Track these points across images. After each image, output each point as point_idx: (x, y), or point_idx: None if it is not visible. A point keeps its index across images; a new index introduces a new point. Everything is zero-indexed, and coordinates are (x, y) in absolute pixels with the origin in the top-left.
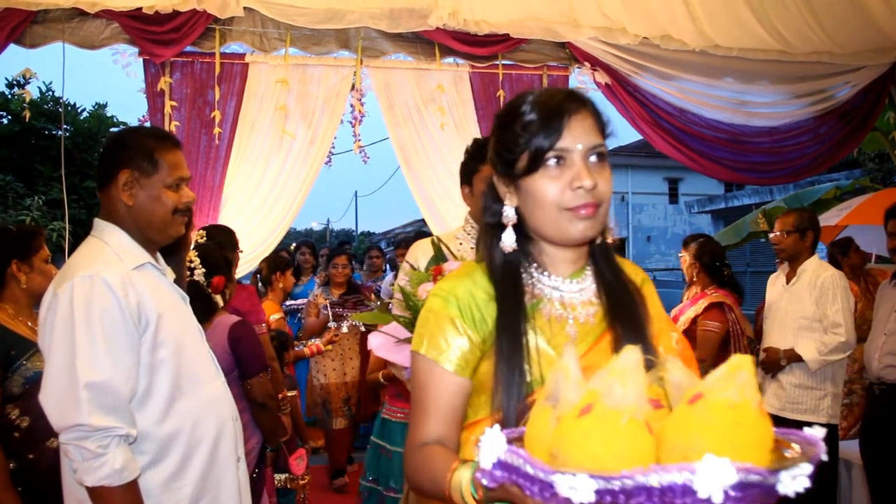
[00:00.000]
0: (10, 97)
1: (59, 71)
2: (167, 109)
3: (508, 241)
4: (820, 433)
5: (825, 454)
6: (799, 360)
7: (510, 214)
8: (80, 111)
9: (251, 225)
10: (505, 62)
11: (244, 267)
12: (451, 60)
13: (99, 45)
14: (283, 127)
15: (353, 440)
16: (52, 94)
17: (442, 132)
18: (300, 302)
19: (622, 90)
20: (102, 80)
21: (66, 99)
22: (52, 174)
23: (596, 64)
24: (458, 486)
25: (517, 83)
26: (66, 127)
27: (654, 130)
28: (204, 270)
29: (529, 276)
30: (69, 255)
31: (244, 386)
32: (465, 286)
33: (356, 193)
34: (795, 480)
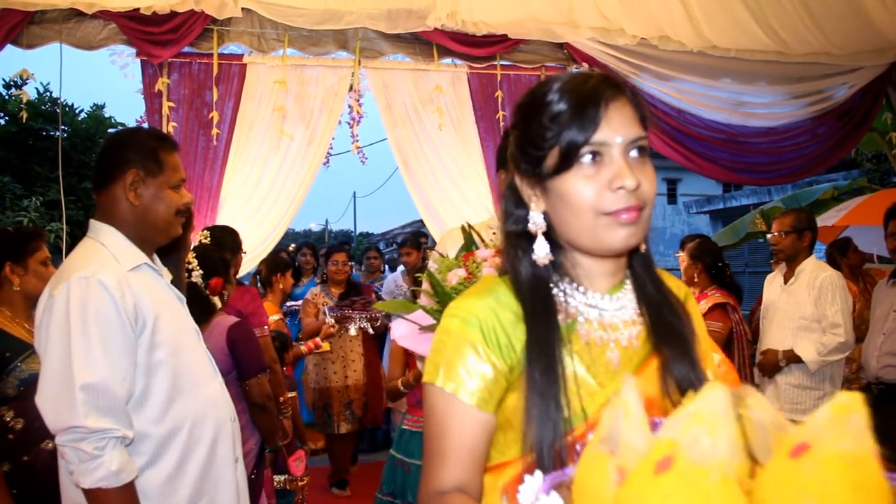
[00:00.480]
0: (7, 98)
1: (56, 72)
2: (165, 110)
3: (542, 252)
4: None
5: None
6: (798, 361)
7: (539, 221)
8: (77, 112)
9: (249, 226)
10: (503, 63)
11: (243, 267)
12: (449, 61)
13: (96, 45)
14: (281, 128)
15: (356, 445)
16: (49, 94)
17: (440, 133)
18: (300, 303)
19: None
20: (100, 80)
21: (63, 100)
22: (49, 175)
23: (594, 64)
24: None
25: (515, 84)
26: (63, 128)
27: (652, 131)
28: (202, 272)
29: (562, 292)
30: (66, 256)
31: (243, 387)
32: (487, 305)
33: (355, 194)
34: None
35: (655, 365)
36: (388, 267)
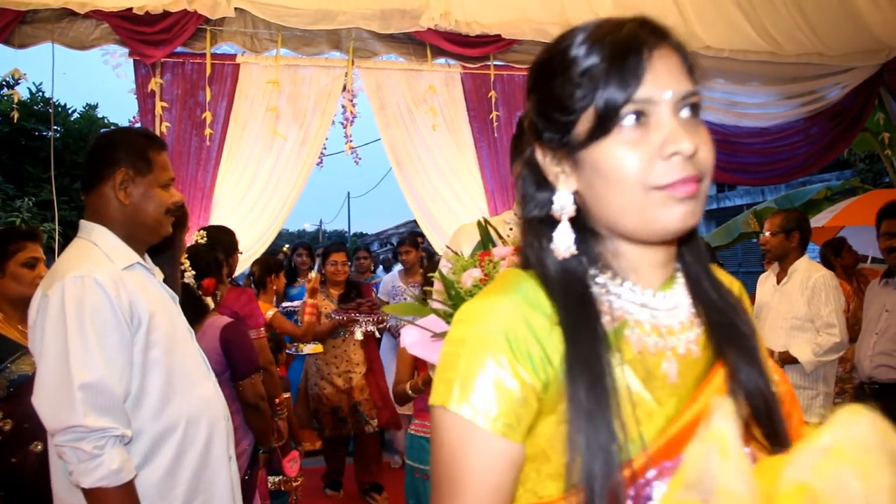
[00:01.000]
0: None
1: (48, 71)
2: (158, 110)
3: (563, 242)
4: None
5: None
6: (794, 361)
7: (566, 203)
8: (70, 112)
9: (243, 226)
10: (496, 63)
11: (238, 267)
12: (442, 61)
13: (89, 45)
14: (274, 128)
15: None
16: (41, 94)
17: (433, 133)
18: (297, 304)
19: None
20: (93, 80)
21: (56, 100)
22: (42, 175)
23: None
24: None
25: (509, 84)
26: (56, 128)
27: None
28: (194, 273)
29: (603, 289)
30: (58, 256)
31: (236, 387)
32: (513, 305)
33: (349, 194)
34: None
35: (722, 376)
36: (382, 267)
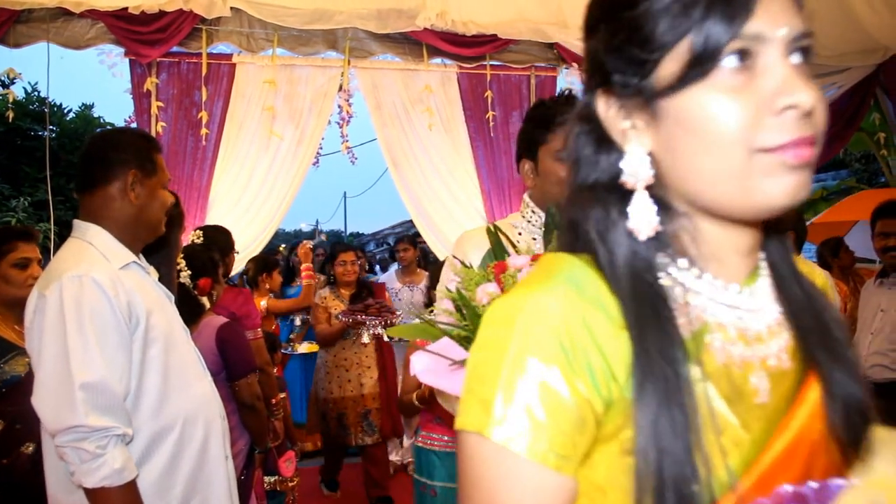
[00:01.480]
0: None
1: (44, 71)
2: (154, 110)
3: (643, 218)
4: None
5: None
6: None
7: (640, 166)
8: (66, 112)
9: (239, 226)
10: (493, 63)
11: (234, 267)
12: (438, 61)
13: (84, 45)
14: (270, 128)
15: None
16: (37, 94)
17: (430, 133)
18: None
19: None
20: (88, 80)
21: (51, 99)
22: (37, 175)
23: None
24: None
25: (505, 84)
26: (51, 128)
27: None
28: (190, 272)
29: (675, 282)
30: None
31: (232, 387)
32: (566, 301)
33: (345, 194)
34: None
35: (817, 392)
36: (379, 267)
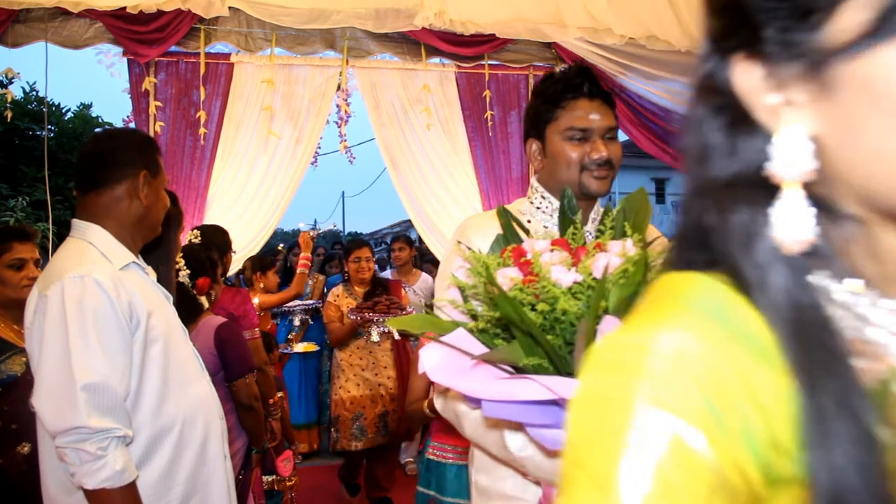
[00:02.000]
0: None
1: (42, 71)
2: (152, 109)
3: (798, 226)
4: None
5: None
6: None
7: (800, 154)
8: (64, 111)
9: (237, 225)
10: (491, 62)
11: (231, 266)
12: (437, 61)
13: (83, 44)
14: (268, 127)
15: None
16: (35, 94)
17: (428, 132)
18: (296, 304)
19: None
20: (86, 80)
21: (50, 99)
22: (36, 175)
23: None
24: None
25: (503, 83)
26: (50, 127)
27: (639, 131)
28: (189, 272)
29: (848, 311)
30: (52, 256)
31: (230, 388)
32: (710, 338)
33: (343, 194)
34: None
35: None
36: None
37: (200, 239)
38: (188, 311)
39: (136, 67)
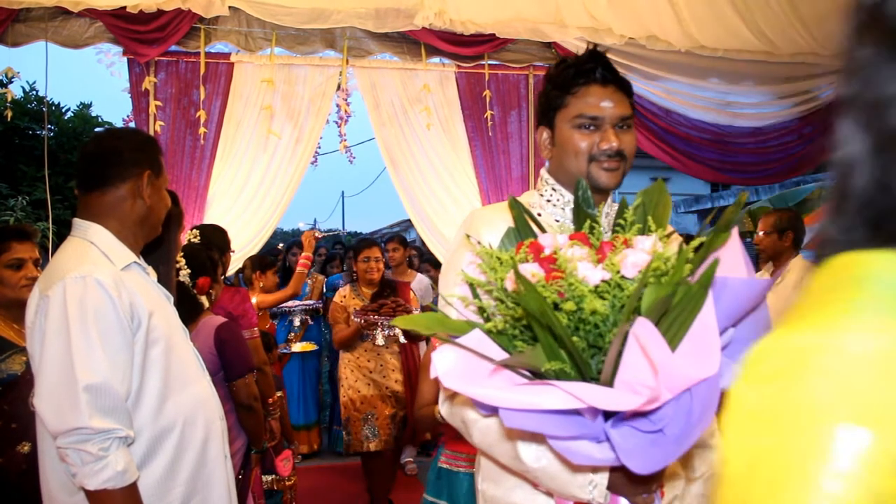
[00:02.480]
0: None
1: (42, 70)
2: (152, 109)
3: None
4: None
5: None
6: None
7: None
8: (64, 111)
9: (237, 225)
10: (491, 62)
11: (230, 266)
12: (437, 60)
13: (83, 44)
14: (268, 127)
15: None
16: (35, 93)
17: (428, 132)
18: (295, 304)
19: None
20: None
21: (49, 98)
22: (36, 174)
23: None
24: None
25: (503, 83)
26: (50, 127)
27: (639, 131)
28: (189, 271)
29: None
30: (52, 255)
31: (230, 387)
32: None
33: (343, 193)
34: None
35: None
36: None
37: (199, 238)
38: (188, 310)
39: (136, 67)
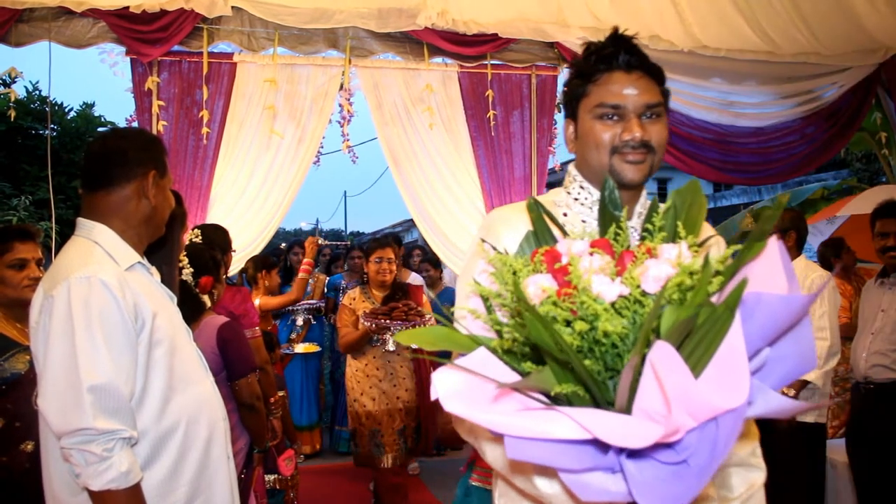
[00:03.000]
0: None
1: (45, 70)
2: (155, 109)
3: None
4: None
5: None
6: (805, 385)
7: None
8: (67, 111)
9: (239, 225)
10: (493, 62)
11: (231, 266)
12: (439, 60)
13: (86, 44)
14: (271, 126)
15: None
16: (38, 93)
17: (430, 132)
18: (299, 303)
19: None
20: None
21: (52, 98)
22: (38, 174)
23: None
24: None
25: (506, 83)
26: (52, 126)
27: None
28: (192, 270)
29: None
30: (55, 255)
31: (232, 387)
32: None
33: (345, 193)
34: None
35: None
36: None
37: (201, 238)
38: (191, 310)
39: (139, 67)
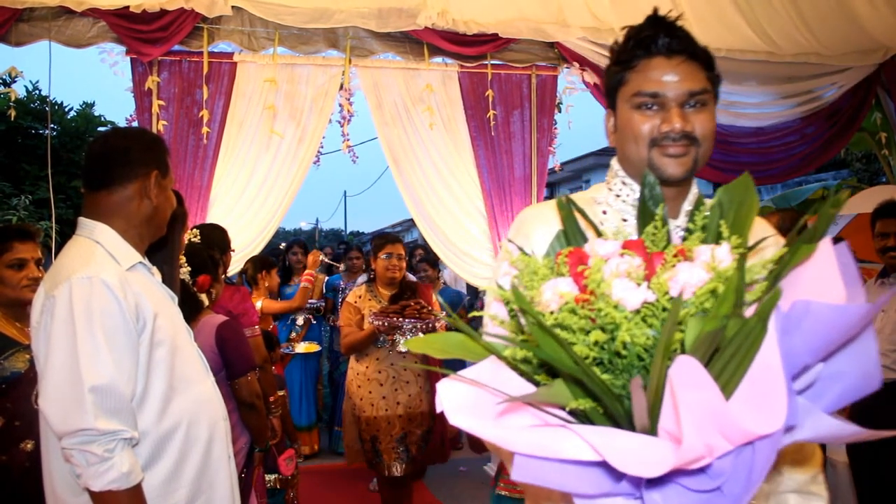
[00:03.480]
0: None
1: (45, 69)
2: (155, 109)
3: None
4: None
5: None
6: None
7: None
8: (67, 110)
9: (239, 225)
10: (494, 62)
11: (231, 266)
12: (439, 60)
13: (86, 43)
14: (271, 126)
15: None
16: (38, 92)
17: (430, 132)
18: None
19: None
20: (89, 79)
21: (52, 98)
22: (38, 174)
23: (585, 64)
24: None
25: (506, 83)
26: (52, 126)
27: None
28: (189, 269)
29: None
30: (55, 255)
31: (232, 386)
32: None
33: (345, 193)
34: None
35: None
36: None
37: (199, 238)
38: (189, 309)
39: (139, 66)
